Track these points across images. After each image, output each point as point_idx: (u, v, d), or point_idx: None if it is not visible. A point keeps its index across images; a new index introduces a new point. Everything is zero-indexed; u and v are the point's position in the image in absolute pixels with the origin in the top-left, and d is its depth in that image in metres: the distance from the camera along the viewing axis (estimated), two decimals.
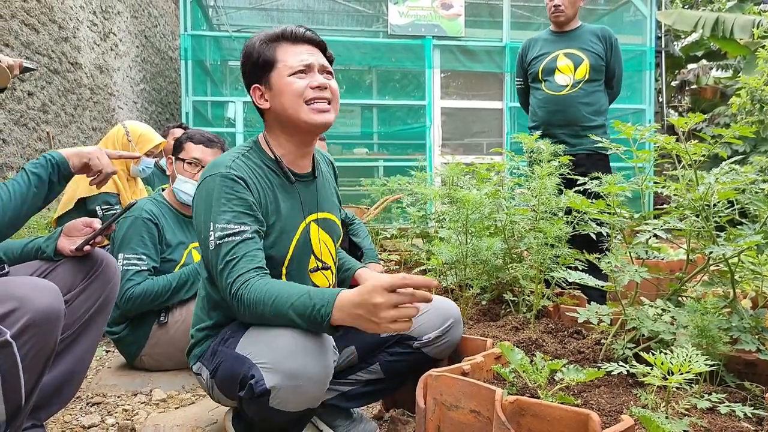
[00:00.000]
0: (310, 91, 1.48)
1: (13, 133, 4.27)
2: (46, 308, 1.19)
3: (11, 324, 1.14)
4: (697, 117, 1.57)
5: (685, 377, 1.10)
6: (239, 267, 1.34)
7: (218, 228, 1.37)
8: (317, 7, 9.01)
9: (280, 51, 1.50)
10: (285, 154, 1.57)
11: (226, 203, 1.40)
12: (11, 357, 1.14)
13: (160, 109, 8.24)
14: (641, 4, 7.95)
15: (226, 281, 1.34)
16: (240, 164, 1.47)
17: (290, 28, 1.52)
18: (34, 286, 1.21)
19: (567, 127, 3.31)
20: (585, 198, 1.78)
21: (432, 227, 3.73)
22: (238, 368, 1.32)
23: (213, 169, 1.46)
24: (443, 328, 1.62)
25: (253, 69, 1.52)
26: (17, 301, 1.16)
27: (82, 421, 1.89)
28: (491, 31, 8.11)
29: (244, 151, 1.53)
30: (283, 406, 1.29)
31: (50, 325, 1.20)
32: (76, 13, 5.44)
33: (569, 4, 3.29)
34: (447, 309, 1.65)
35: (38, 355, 1.21)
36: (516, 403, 1.17)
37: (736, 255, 1.48)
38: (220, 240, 1.36)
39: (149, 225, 2.25)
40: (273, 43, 1.51)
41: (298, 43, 1.52)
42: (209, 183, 1.44)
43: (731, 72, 11.21)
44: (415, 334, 1.63)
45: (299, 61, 1.49)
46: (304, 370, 1.26)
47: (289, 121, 1.51)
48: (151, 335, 2.24)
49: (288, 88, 1.47)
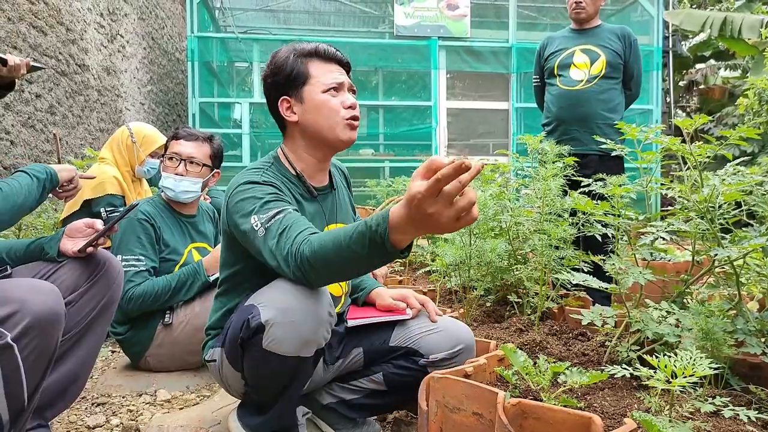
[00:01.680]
0: (343, 111, 1.54)
1: (21, 134, 4.31)
2: (46, 310, 1.19)
3: (12, 327, 1.14)
4: (702, 118, 1.56)
5: (689, 380, 1.09)
6: (292, 233, 1.30)
7: (261, 218, 1.36)
8: (323, 9, 9.04)
9: (313, 67, 1.55)
10: (305, 168, 1.60)
11: (263, 196, 1.41)
12: (13, 360, 1.15)
13: (167, 111, 8.28)
14: (648, 4, 7.92)
15: (285, 251, 1.28)
16: (269, 176, 1.51)
17: (323, 46, 1.57)
18: (34, 289, 1.22)
19: (581, 123, 3.23)
20: (590, 199, 1.77)
21: None
22: (243, 316, 1.37)
23: (240, 179, 1.48)
24: (452, 351, 1.60)
25: (284, 81, 1.55)
26: (18, 304, 1.16)
27: (87, 422, 1.89)
28: (497, 31, 8.11)
29: (266, 167, 1.56)
30: (277, 347, 1.31)
31: (51, 328, 1.21)
32: (84, 16, 5.48)
33: (591, 1, 3.27)
34: (459, 333, 1.63)
35: (39, 358, 1.21)
36: (518, 405, 1.17)
37: (742, 257, 1.47)
38: (266, 224, 1.35)
39: (145, 225, 2.26)
40: (305, 59, 1.56)
41: (329, 61, 1.58)
42: (240, 189, 1.45)
43: (740, 72, 11.14)
44: (423, 350, 1.62)
45: (332, 78, 1.54)
46: (297, 305, 1.31)
47: (318, 136, 1.55)
48: (155, 336, 2.25)
49: (325, 105, 1.53)
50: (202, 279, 2.26)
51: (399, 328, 1.68)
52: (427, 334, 1.64)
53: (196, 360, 2.27)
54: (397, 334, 1.67)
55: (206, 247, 2.49)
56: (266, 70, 1.60)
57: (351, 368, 1.71)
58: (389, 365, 1.66)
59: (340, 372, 1.71)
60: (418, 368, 1.61)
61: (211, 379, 2.26)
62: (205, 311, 2.18)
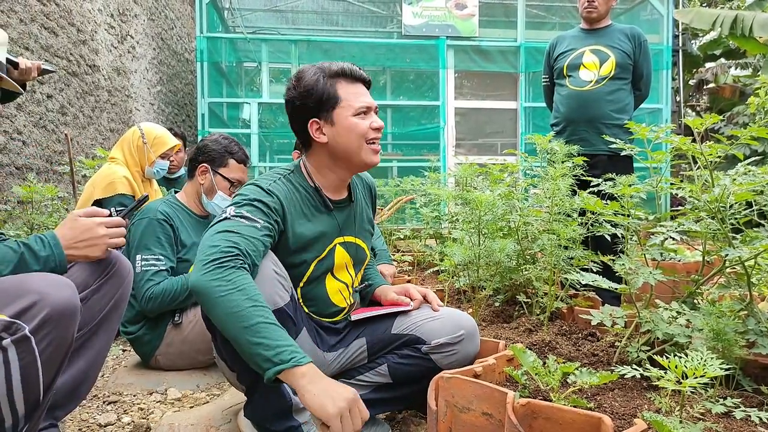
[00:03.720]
0: (371, 132, 1.59)
1: (33, 134, 4.35)
2: (63, 303, 1.20)
3: (30, 319, 1.16)
4: (713, 118, 1.55)
5: (699, 381, 1.08)
6: (231, 238, 1.37)
7: (232, 209, 1.46)
8: (332, 9, 9.04)
9: (341, 89, 1.59)
10: (324, 182, 1.66)
11: (251, 201, 1.49)
12: (30, 352, 1.16)
13: (176, 111, 8.32)
14: (658, 3, 7.87)
15: (209, 244, 1.36)
16: (278, 186, 1.57)
17: (348, 67, 1.60)
18: (51, 282, 1.23)
19: (590, 124, 3.22)
20: (599, 199, 1.76)
21: (445, 228, 3.73)
22: None
23: (254, 180, 1.58)
24: (453, 336, 1.61)
25: (315, 104, 1.59)
26: (35, 296, 1.17)
27: (98, 419, 1.91)
28: (505, 30, 8.07)
29: (285, 173, 1.63)
30: None
31: (68, 320, 1.22)
32: (94, 16, 5.52)
33: (603, 0, 3.26)
34: (460, 319, 1.65)
35: (56, 350, 1.22)
36: (528, 405, 1.17)
37: (753, 257, 1.46)
38: (228, 215, 1.44)
39: (164, 226, 2.27)
40: (333, 80, 1.59)
41: (355, 82, 1.61)
42: (242, 189, 1.56)
43: (750, 70, 11.04)
44: (425, 336, 1.64)
45: (362, 102, 1.59)
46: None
47: (345, 157, 1.61)
48: (165, 335, 2.26)
49: (355, 128, 1.57)
50: None
51: (401, 317, 1.71)
52: (428, 321, 1.66)
53: (206, 359, 2.29)
54: (399, 323, 1.70)
55: None
56: (292, 91, 1.62)
57: (355, 362, 1.72)
58: (393, 355, 1.68)
59: (344, 366, 1.72)
60: (421, 355, 1.63)
61: (220, 378, 2.28)
62: None
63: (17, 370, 1.15)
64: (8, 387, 1.15)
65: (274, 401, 1.48)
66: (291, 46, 7.58)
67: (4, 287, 1.20)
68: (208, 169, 2.40)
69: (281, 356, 1.19)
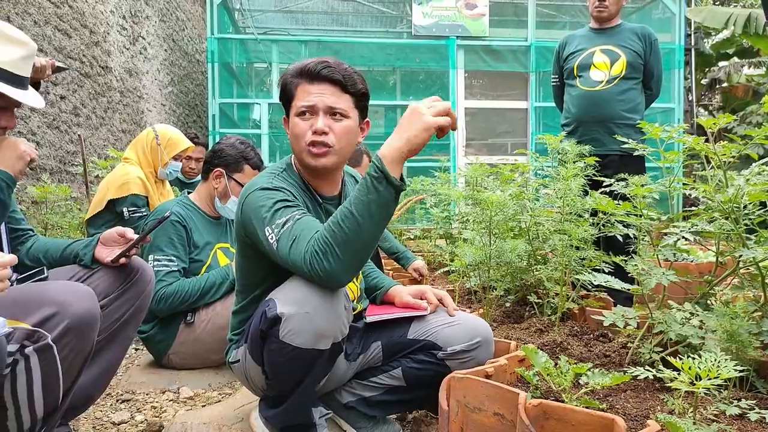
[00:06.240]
0: (309, 135, 1.50)
1: (47, 135, 4.39)
2: (84, 312, 1.23)
3: (52, 328, 1.18)
4: (726, 117, 1.54)
5: (713, 383, 1.08)
6: (302, 242, 1.33)
7: (273, 229, 1.40)
8: (342, 9, 9.06)
9: (299, 88, 1.54)
10: (309, 179, 1.63)
11: (273, 205, 1.44)
12: (52, 360, 1.19)
13: (187, 112, 8.37)
14: (670, 1, 7.80)
15: (298, 262, 1.33)
16: (278, 182, 1.54)
17: (310, 65, 1.52)
18: (72, 291, 1.26)
19: (600, 124, 3.20)
20: (611, 199, 1.76)
21: (455, 228, 3.73)
22: (261, 308, 1.43)
23: (252, 185, 1.52)
24: (470, 344, 1.60)
25: (284, 103, 1.59)
26: (57, 306, 1.20)
27: (112, 418, 1.93)
28: (516, 30, 8.05)
29: (279, 171, 1.60)
30: (292, 338, 1.34)
31: (88, 329, 1.25)
32: (107, 18, 5.57)
33: (615, 0, 3.24)
34: (477, 327, 1.64)
35: (76, 358, 1.25)
36: (540, 406, 1.17)
37: (767, 258, 1.45)
38: (278, 236, 1.39)
39: (177, 227, 2.29)
40: (295, 79, 1.55)
41: (314, 81, 1.52)
42: (251, 199, 1.49)
43: (764, 69, 10.93)
44: (441, 343, 1.62)
45: (305, 101, 1.51)
46: (312, 298, 1.34)
47: (296, 157, 1.59)
48: (178, 335, 2.28)
49: (294, 129, 1.53)
50: (231, 278, 2.29)
51: (417, 322, 1.69)
52: (444, 327, 1.65)
53: (218, 358, 2.30)
54: (415, 328, 1.68)
55: (230, 247, 2.52)
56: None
57: (370, 363, 1.72)
58: (408, 359, 1.67)
59: (360, 368, 1.72)
60: (436, 361, 1.62)
61: (232, 377, 2.29)
62: (226, 310, 2.21)
63: (39, 377, 1.18)
64: (29, 392, 1.18)
65: (302, 413, 1.52)
66: (301, 47, 7.61)
67: (27, 297, 1.23)
68: (222, 173, 2.39)
69: None
